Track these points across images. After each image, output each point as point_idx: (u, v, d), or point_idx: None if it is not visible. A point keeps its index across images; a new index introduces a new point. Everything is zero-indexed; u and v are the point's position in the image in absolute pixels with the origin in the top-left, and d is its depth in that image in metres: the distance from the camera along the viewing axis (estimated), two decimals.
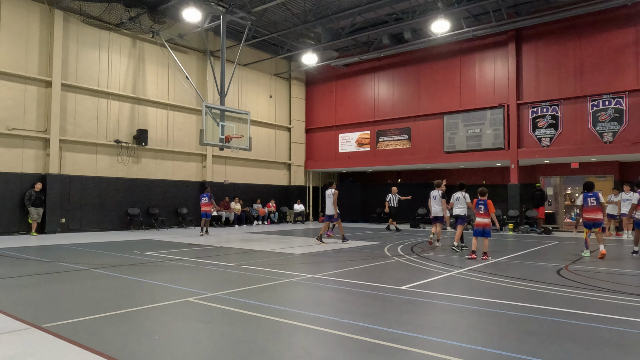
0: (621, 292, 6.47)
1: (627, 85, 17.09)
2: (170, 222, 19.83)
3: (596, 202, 10.44)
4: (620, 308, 5.56)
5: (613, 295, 6.26)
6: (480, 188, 10.23)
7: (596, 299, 6.08)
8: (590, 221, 10.45)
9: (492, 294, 6.35)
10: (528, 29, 19.25)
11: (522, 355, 3.82)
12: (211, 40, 21.28)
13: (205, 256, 10.31)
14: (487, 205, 9.90)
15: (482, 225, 9.92)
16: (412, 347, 4.03)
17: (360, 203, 25.46)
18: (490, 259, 9.83)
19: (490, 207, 9.89)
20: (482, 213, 9.94)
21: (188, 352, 3.92)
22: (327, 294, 6.43)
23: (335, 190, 13.97)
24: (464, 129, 20.61)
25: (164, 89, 20.05)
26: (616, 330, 4.57)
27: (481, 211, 9.94)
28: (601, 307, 5.62)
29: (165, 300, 5.76)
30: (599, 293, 6.42)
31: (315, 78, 26.18)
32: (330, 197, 13.84)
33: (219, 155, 21.65)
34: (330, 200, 13.81)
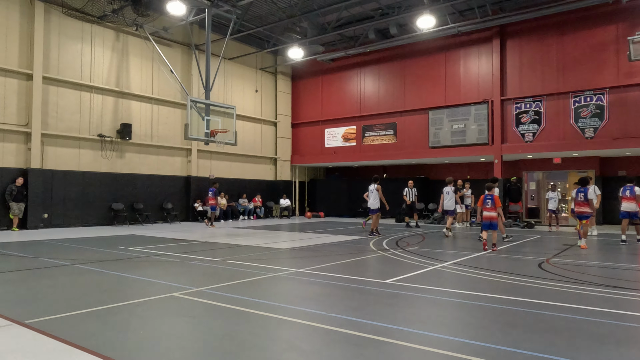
0: (600, 285, 6.63)
1: (608, 82, 17.39)
2: (155, 218, 19.67)
3: (584, 197, 11.09)
4: (599, 300, 5.70)
5: (592, 288, 6.41)
6: (488, 183, 10.82)
7: (576, 291, 6.22)
8: (578, 214, 11.21)
9: (475, 287, 6.45)
10: (512, 26, 19.44)
11: (504, 346, 3.90)
12: (196, 33, 21.07)
13: (191, 251, 10.27)
14: (494, 200, 10.35)
15: (489, 219, 10.39)
16: (397, 339, 4.08)
17: (346, 198, 25.55)
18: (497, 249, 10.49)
19: (497, 202, 10.35)
20: (489, 207, 10.39)
21: (173, 347, 3.92)
22: (312, 288, 6.47)
23: (379, 185, 14.47)
24: (448, 124, 20.79)
25: (148, 82, 19.82)
26: (594, 322, 4.69)
27: (488, 205, 10.41)
28: (581, 299, 5.75)
29: (150, 296, 5.74)
30: (579, 286, 6.56)
31: (301, 73, 26.11)
32: (374, 192, 14.36)
33: (204, 149, 21.51)
34: (374, 194, 14.34)
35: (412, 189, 18.28)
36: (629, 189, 12.26)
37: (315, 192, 27.15)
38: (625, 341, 4.07)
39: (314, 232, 15.82)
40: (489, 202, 10.38)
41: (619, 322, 4.68)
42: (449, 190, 15.06)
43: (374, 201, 14.36)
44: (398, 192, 19.62)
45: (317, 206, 26.48)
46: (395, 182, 21.89)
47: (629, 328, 4.49)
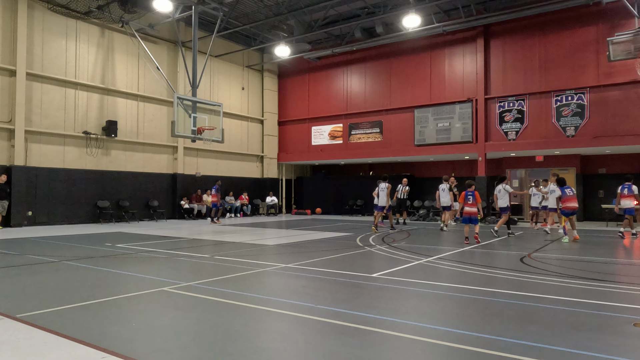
0: (578, 277, 6.86)
1: (589, 82, 17.81)
2: (141, 215, 19.60)
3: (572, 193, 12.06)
4: (576, 291, 5.92)
5: (571, 280, 6.64)
6: (468, 181, 11.47)
7: (555, 283, 6.44)
8: (569, 209, 11.81)
9: (459, 280, 6.63)
10: (496, 25, 19.77)
11: (485, 335, 4.07)
12: (182, 30, 21.00)
13: (179, 248, 10.32)
14: (475, 196, 11.05)
15: (470, 214, 11.02)
16: (383, 329, 4.23)
17: (332, 195, 25.71)
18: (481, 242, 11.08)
19: (477, 198, 11.07)
20: (470, 203, 10.99)
21: (165, 337, 4.01)
22: (301, 282, 6.59)
23: (389, 184, 15.15)
24: (433, 122, 21.05)
25: (134, 79, 19.71)
26: (571, 311, 4.89)
27: (470, 201, 11.00)
28: (559, 290, 5.97)
29: (140, 290, 5.81)
30: (558, 278, 6.79)
31: (288, 70, 26.17)
32: (384, 190, 15.01)
33: (190, 147, 21.47)
34: (384, 192, 15.00)
35: (405, 186, 18.47)
36: (627, 187, 12.75)
37: (301, 189, 27.26)
38: (599, 329, 4.27)
39: (301, 229, 15.93)
40: (470, 198, 11.01)
41: (595, 311, 4.89)
42: (445, 187, 15.82)
43: (384, 198, 15.00)
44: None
45: (303, 204, 26.60)
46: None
47: (604, 317, 4.70)
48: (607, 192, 18.87)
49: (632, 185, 12.79)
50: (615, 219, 18.02)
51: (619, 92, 17.37)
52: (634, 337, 4.02)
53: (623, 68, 17.00)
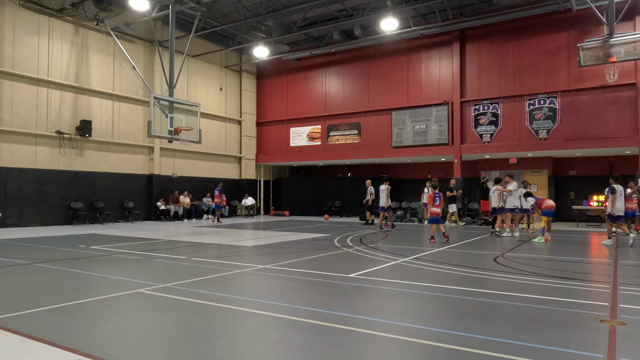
0: (549, 276, 7.06)
1: (560, 86, 18.30)
2: (116, 217, 19.27)
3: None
4: (547, 289, 6.10)
5: (541, 279, 6.83)
6: (433, 182, 12.08)
7: (527, 282, 6.61)
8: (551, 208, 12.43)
9: (434, 280, 6.75)
10: (471, 30, 20.14)
11: (458, 332, 4.17)
12: (159, 30, 20.75)
13: (155, 249, 10.20)
14: (441, 197, 11.68)
15: (437, 214, 11.60)
16: (359, 327, 4.28)
17: (311, 197, 25.75)
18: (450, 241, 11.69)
19: (441, 199, 11.79)
20: (437, 204, 11.62)
21: (142, 339, 3.98)
22: (278, 282, 6.60)
23: (388, 186, 16.04)
24: (411, 124, 21.31)
25: (109, 78, 19.38)
26: (541, 309, 5.04)
27: (437, 202, 11.62)
28: (530, 289, 6.13)
29: (115, 292, 5.73)
30: (529, 277, 6.97)
31: (266, 71, 26.12)
32: (385, 191, 15.86)
33: (167, 147, 21.21)
34: (384, 194, 15.87)
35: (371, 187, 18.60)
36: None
37: (280, 191, 27.22)
38: (568, 325, 4.42)
39: (279, 230, 15.92)
40: (437, 199, 11.57)
41: (564, 308, 5.05)
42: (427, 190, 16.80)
43: (384, 199, 15.83)
44: (361, 190, 19.98)
45: (282, 205, 26.56)
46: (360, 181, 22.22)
47: (572, 314, 4.86)
48: (578, 193, 19.43)
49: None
50: (585, 220, 18.58)
51: (588, 97, 17.90)
52: (600, 332, 4.17)
53: (593, 73, 17.52)
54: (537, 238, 12.16)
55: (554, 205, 12.81)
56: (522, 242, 12.04)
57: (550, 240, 12.12)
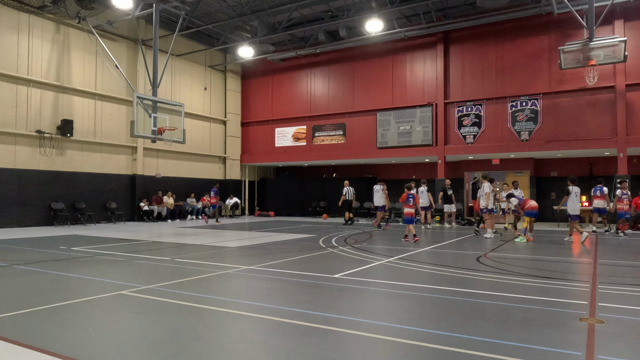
0: (530, 275, 7.17)
1: (541, 88, 18.59)
2: (98, 217, 19.00)
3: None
4: (528, 289, 6.19)
5: (523, 278, 6.93)
6: (408, 184, 12.22)
7: (509, 281, 6.70)
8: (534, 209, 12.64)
9: (417, 280, 6.80)
10: (455, 32, 20.34)
11: (441, 331, 4.21)
12: (143, 28, 20.52)
13: (137, 251, 10.09)
14: (414, 198, 12.08)
15: (410, 214, 11.87)
16: (343, 328, 4.30)
17: (296, 197, 25.71)
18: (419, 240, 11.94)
19: (417, 200, 12.10)
20: (411, 205, 11.74)
21: (123, 341, 3.94)
22: (263, 283, 6.58)
23: (383, 185, 16.98)
24: (395, 125, 21.43)
25: (91, 77, 19.11)
26: (523, 308, 5.11)
27: (411, 203, 11.75)
28: (512, 288, 6.22)
29: (97, 294, 5.66)
30: (511, 277, 7.07)
31: (251, 71, 26.02)
32: (379, 192, 16.75)
33: (150, 147, 20.99)
34: (379, 194, 16.73)
35: (350, 187, 19.15)
36: (599, 189, 13.79)
37: (265, 191, 27.13)
38: (548, 324, 4.49)
39: (264, 230, 15.88)
40: (411, 200, 11.92)
41: (545, 307, 5.13)
42: (423, 189, 17.37)
43: (380, 199, 16.60)
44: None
45: (267, 205, 26.48)
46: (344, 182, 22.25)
47: (552, 312, 4.94)
48: (559, 194, 19.74)
49: (603, 187, 13.76)
50: (566, 220, 18.86)
51: (569, 99, 18.22)
52: (579, 331, 4.25)
53: (573, 76, 17.84)
54: (519, 238, 12.34)
55: (537, 206, 13.02)
56: (505, 242, 12.20)
57: (532, 240, 12.30)
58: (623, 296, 5.77)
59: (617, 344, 3.90)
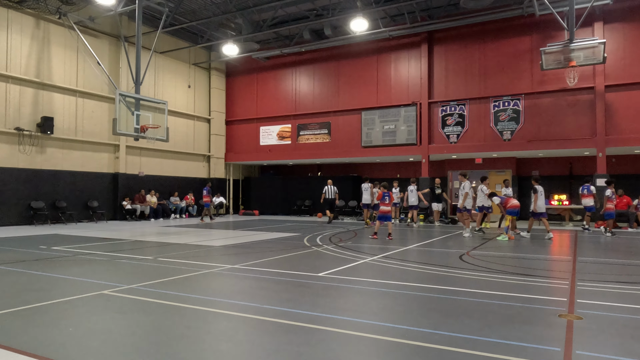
0: (511, 273, 7.28)
1: (523, 89, 18.86)
2: (80, 216, 18.71)
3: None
4: (510, 286, 6.28)
5: (504, 276, 7.03)
6: (383, 183, 12.63)
7: (490, 279, 6.79)
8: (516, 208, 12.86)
9: (401, 278, 6.86)
10: (439, 32, 20.51)
11: (424, 329, 4.25)
12: (125, 25, 20.26)
13: (120, 250, 9.97)
14: (390, 196, 12.33)
15: (385, 212, 12.20)
16: (327, 326, 4.31)
17: (281, 196, 25.66)
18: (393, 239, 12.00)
19: (392, 198, 12.54)
20: (386, 203, 12.20)
21: (104, 342, 3.89)
22: (247, 282, 6.56)
23: (371, 183, 17.54)
24: (380, 124, 21.53)
25: (72, 74, 18.80)
26: (504, 305, 5.19)
27: (386, 201, 12.18)
28: (494, 286, 6.30)
29: (78, 294, 5.58)
30: (493, 274, 7.16)
31: (236, 69, 25.88)
32: (368, 190, 17.47)
33: (133, 145, 20.73)
34: (367, 192, 17.48)
35: (331, 186, 19.44)
36: (587, 188, 14.06)
37: (249, 190, 27.02)
38: (528, 321, 4.57)
39: (249, 229, 15.82)
40: (387, 198, 12.19)
41: (525, 304, 5.22)
42: (413, 188, 17.94)
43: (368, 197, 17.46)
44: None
45: (251, 204, 26.38)
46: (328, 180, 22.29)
47: (533, 309, 5.02)
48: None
49: (591, 186, 14.09)
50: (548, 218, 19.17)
51: (550, 99, 18.52)
52: (558, 327, 4.33)
53: (554, 77, 18.13)
54: (501, 236, 12.51)
55: (519, 204, 13.21)
56: (487, 240, 12.36)
57: (514, 239, 12.48)
58: (601, 293, 5.90)
59: (594, 340, 3.98)
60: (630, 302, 5.37)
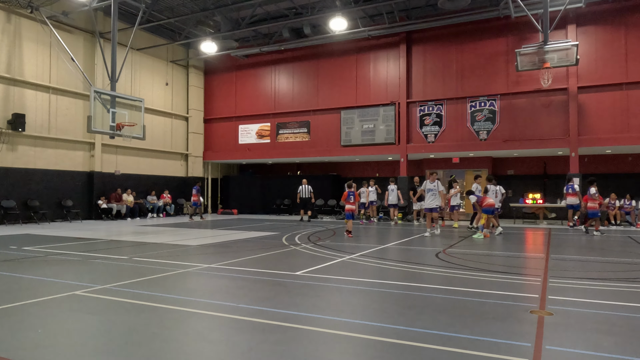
0: (486, 270, 7.40)
1: (499, 89, 19.19)
2: (53, 216, 18.30)
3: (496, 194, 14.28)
4: (483, 283, 6.39)
5: (479, 273, 7.14)
6: (349, 182, 13.09)
7: (465, 276, 6.90)
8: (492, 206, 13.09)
9: (378, 276, 6.91)
10: (417, 33, 20.70)
11: (399, 326, 4.29)
12: (101, 20, 19.87)
13: (94, 250, 9.79)
14: (355, 195, 12.88)
15: (351, 210, 12.71)
16: (303, 325, 4.31)
17: (260, 195, 25.55)
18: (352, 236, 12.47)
19: (356, 197, 13.20)
20: (352, 202, 12.67)
21: (75, 343, 3.82)
22: (223, 282, 6.52)
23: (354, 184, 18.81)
24: (359, 124, 21.63)
25: (45, 70, 18.35)
26: (477, 301, 5.28)
27: (351, 200, 12.66)
28: (468, 283, 6.40)
29: (49, 295, 5.45)
30: (468, 271, 7.28)
31: (214, 67, 25.64)
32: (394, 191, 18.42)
33: (109, 144, 20.37)
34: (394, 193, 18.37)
35: (306, 186, 19.75)
36: (571, 187, 14.33)
37: (228, 189, 26.82)
38: (501, 317, 4.65)
39: (227, 228, 15.72)
40: (352, 197, 12.68)
41: (498, 301, 5.31)
42: (393, 187, 18.46)
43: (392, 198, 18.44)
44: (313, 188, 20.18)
45: (230, 203, 26.19)
46: (309, 179, 22.27)
47: (506, 306, 5.12)
48: (515, 191, 20.47)
49: (575, 185, 14.40)
50: (521, 217, 19.61)
51: (525, 100, 18.88)
52: (529, 323, 4.43)
53: (529, 78, 18.49)
54: (477, 234, 12.71)
55: (494, 203, 13.45)
56: (463, 238, 12.54)
57: (489, 237, 12.70)
58: (572, 289, 6.05)
59: (563, 335, 4.08)
60: (599, 298, 5.52)
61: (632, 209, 17.24)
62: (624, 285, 6.30)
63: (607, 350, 3.68)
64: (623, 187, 17.89)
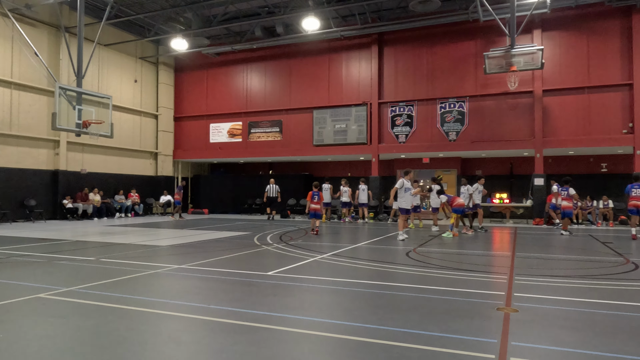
0: (455, 269, 7.55)
1: (468, 91, 19.59)
2: (15, 216, 17.66)
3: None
4: (453, 281, 6.53)
5: (447, 271, 7.29)
6: (315, 182, 13.59)
7: (434, 275, 7.02)
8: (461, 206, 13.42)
9: (349, 275, 6.96)
10: (389, 34, 20.92)
11: (370, 325, 4.33)
12: (66, 14, 19.29)
13: (59, 251, 9.50)
14: (319, 195, 13.25)
15: (315, 210, 13.13)
16: (274, 325, 4.31)
17: (231, 194, 25.31)
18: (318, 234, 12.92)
19: (322, 197, 13.44)
20: (316, 202, 13.13)
21: (41, 348, 3.70)
22: (194, 282, 6.44)
23: (330, 185, 19.16)
24: (331, 123, 21.70)
25: (6, 64, 17.68)
26: (446, 299, 5.39)
27: (315, 200, 13.13)
28: (437, 281, 6.53)
29: (10, 298, 5.27)
30: (437, 270, 7.41)
31: (185, 65, 25.26)
32: (327, 190, 18.68)
33: (75, 141, 19.79)
34: (327, 192, 18.58)
35: (274, 185, 20.22)
36: (566, 190, 14.46)
37: (199, 188, 26.48)
38: (469, 314, 4.76)
39: (197, 228, 15.52)
40: (316, 197, 13.14)
41: (466, 299, 5.43)
42: (364, 187, 18.90)
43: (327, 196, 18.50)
44: (284, 188, 20.18)
45: (201, 203, 25.86)
46: (281, 179, 22.24)
47: (473, 303, 5.24)
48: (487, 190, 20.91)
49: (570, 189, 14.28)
50: (489, 216, 20.07)
51: (493, 102, 19.35)
52: (496, 320, 4.55)
53: (497, 80, 18.95)
54: (446, 233, 12.96)
55: (464, 203, 13.74)
56: (433, 237, 12.75)
57: (458, 235, 12.96)
58: (536, 286, 6.24)
59: (528, 331, 4.21)
60: (563, 295, 5.72)
61: (593, 209, 17.91)
62: (586, 282, 6.54)
63: (569, 345, 3.82)
64: (585, 187, 18.53)
